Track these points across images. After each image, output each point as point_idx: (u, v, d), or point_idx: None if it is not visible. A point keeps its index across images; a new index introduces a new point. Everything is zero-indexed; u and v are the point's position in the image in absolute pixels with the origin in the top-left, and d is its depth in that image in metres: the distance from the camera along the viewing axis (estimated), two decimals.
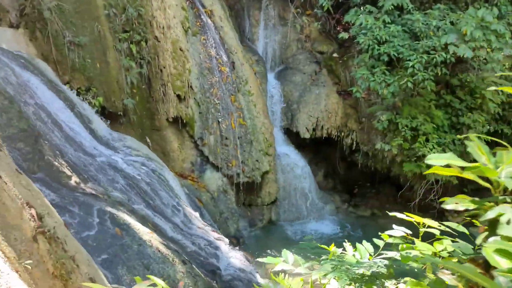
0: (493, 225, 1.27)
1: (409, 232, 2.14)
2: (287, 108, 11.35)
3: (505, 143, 1.49)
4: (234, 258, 6.33)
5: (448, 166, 1.41)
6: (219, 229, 8.98)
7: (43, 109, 5.39)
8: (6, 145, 4.28)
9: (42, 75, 6.05)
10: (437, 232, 2.05)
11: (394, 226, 2.24)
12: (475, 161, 1.39)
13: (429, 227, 2.04)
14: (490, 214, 1.25)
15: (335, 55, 11.80)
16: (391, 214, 2.19)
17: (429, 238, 2.06)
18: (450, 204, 1.48)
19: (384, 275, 1.93)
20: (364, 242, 2.44)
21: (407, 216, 2.04)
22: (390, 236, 2.21)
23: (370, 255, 2.28)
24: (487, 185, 1.39)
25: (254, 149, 9.77)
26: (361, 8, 10.39)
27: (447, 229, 2.00)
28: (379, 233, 2.37)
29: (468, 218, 1.48)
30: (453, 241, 1.99)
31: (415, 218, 2.01)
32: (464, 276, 1.32)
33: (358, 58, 10.54)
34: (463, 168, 1.35)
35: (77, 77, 7.42)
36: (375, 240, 2.42)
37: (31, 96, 5.41)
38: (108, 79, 8.06)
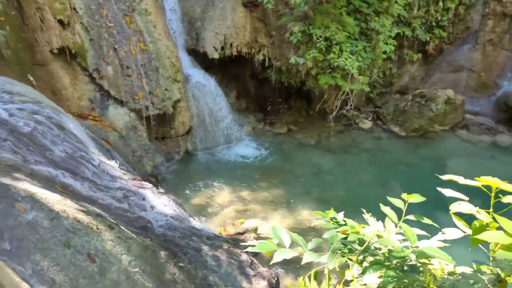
0: None
1: (466, 198, 1.59)
2: (190, 27, 10.18)
3: None
4: (163, 204, 5.64)
5: None
6: (135, 170, 8.12)
7: None
8: None
9: None
10: None
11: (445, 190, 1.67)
12: None
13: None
14: None
15: None
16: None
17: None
18: None
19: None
20: (385, 209, 1.88)
21: (477, 181, 1.47)
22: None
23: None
24: None
25: (161, 77, 8.68)
26: None
27: None
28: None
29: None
30: None
31: (483, 182, 1.44)
32: None
33: None
34: None
35: None
36: (392, 200, 1.89)
37: None
38: None
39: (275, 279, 5.18)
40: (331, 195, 8.77)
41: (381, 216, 2.18)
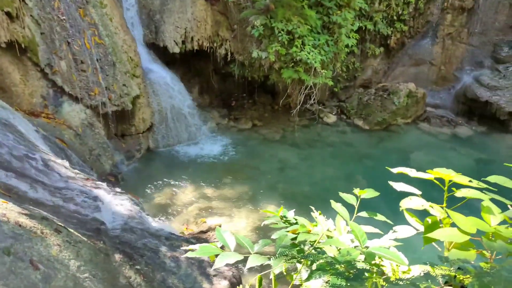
0: None
1: (419, 192, 1.47)
2: (149, 20, 9.85)
3: None
4: (119, 205, 5.39)
5: None
6: (92, 169, 7.79)
7: None
8: None
9: None
10: None
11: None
12: None
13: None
14: None
15: None
16: (393, 170, 1.48)
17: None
18: None
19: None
20: (338, 206, 1.75)
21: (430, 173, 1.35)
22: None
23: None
24: None
25: (118, 72, 8.35)
26: None
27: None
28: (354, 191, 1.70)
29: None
30: None
31: (435, 174, 1.32)
32: None
33: None
34: None
35: None
36: (344, 196, 1.77)
37: None
38: None
39: (237, 278, 5.03)
40: (296, 190, 8.71)
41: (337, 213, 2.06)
